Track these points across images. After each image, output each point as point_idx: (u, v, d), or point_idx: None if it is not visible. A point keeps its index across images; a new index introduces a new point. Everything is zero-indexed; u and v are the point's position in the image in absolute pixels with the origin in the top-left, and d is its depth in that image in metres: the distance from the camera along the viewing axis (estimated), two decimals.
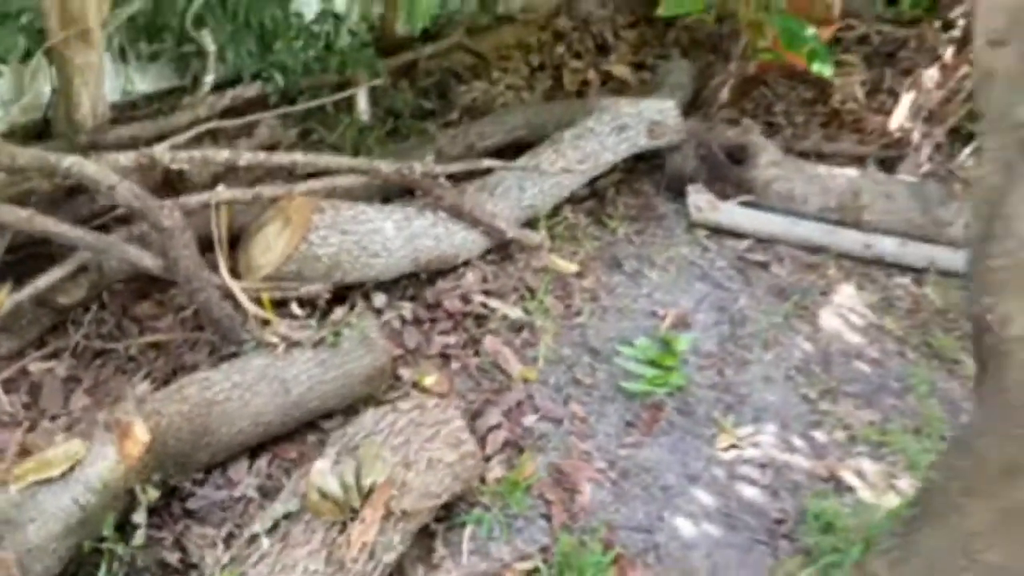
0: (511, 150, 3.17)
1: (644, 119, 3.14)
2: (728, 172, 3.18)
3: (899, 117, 3.75)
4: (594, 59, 4.00)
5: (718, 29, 4.07)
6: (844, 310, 2.89)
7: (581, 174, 3.05)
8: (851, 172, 3.22)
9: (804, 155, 3.62)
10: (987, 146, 1.13)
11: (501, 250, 2.83)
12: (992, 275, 1.14)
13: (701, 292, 2.86)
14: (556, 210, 3.10)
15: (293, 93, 3.19)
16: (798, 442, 2.29)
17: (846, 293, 2.96)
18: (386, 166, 2.39)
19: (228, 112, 3.00)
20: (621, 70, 3.90)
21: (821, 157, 3.66)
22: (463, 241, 2.60)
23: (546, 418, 2.25)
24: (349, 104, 3.24)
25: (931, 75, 3.61)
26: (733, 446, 2.24)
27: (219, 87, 3.05)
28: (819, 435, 2.32)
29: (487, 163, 2.64)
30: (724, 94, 3.86)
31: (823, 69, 3.36)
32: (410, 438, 1.73)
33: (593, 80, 3.82)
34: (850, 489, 2.14)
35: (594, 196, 3.29)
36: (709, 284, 2.90)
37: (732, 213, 3.11)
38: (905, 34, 4.52)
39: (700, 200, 3.11)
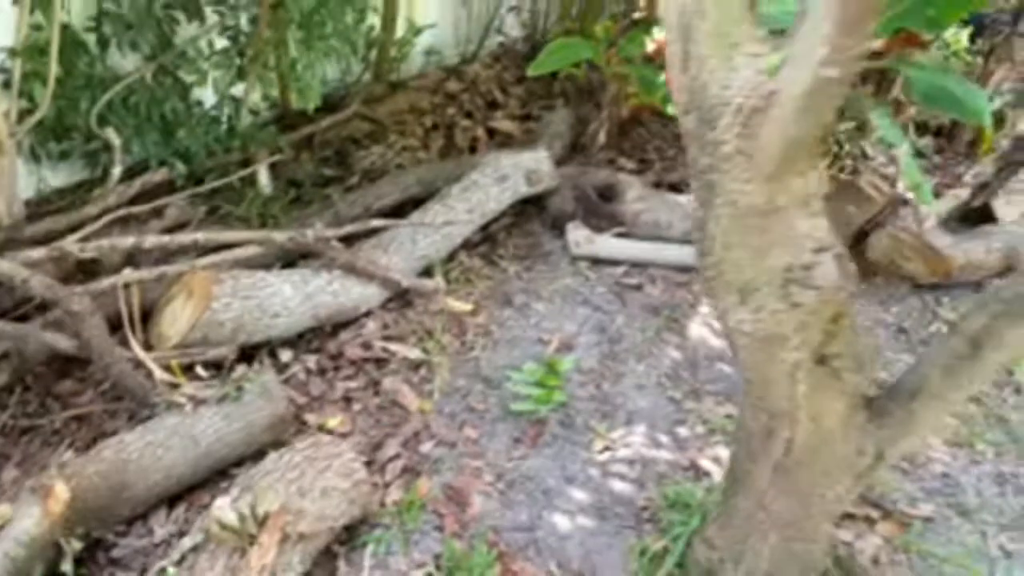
0: (408, 207, 3.50)
1: (522, 168, 3.51)
2: (601, 209, 3.57)
3: None
4: (484, 116, 4.39)
5: (591, 80, 4.52)
6: (710, 319, 3.26)
7: (470, 223, 3.40)
8: None
9: (674, 186, 4.05)
10: (693, 186, 1.49)
11: (401, 298, 3.13)
12: (709, 282, 1.49)
13: (583, 316, 3.20)
14: (452, 256, 3.44)
15: (200, 174, 3.47)
16: (664, 438, 2.62)
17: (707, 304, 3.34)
18: (280, 235, 2.68)
19: (139, 198, 3.27)
20: (507, 124, 4.29)
21: (689, 186, 4.09)
22: (360, 295, 2.89)
23: (441, 443, 2.53)
24: (253, 179, 3.54)
25: None
26: (607, 448, 2.56)
27: (130, 175, 3.31)
28: (683, 431, 2.65)
29: (375, 223, 2.96)
30: (601, 137, 4.28)
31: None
32: (305, 471, 1.99)
33: (481, 136, 4.20)
34: (707, 474, 2.47)
35: (488, 240, 3.63)
36: (590, 309, 3.25)
37: (607, 245, 3.49)
38: None
39: (578, 236, 3.47)
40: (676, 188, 4.03)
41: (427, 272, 3.24)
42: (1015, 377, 3.13)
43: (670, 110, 3.83)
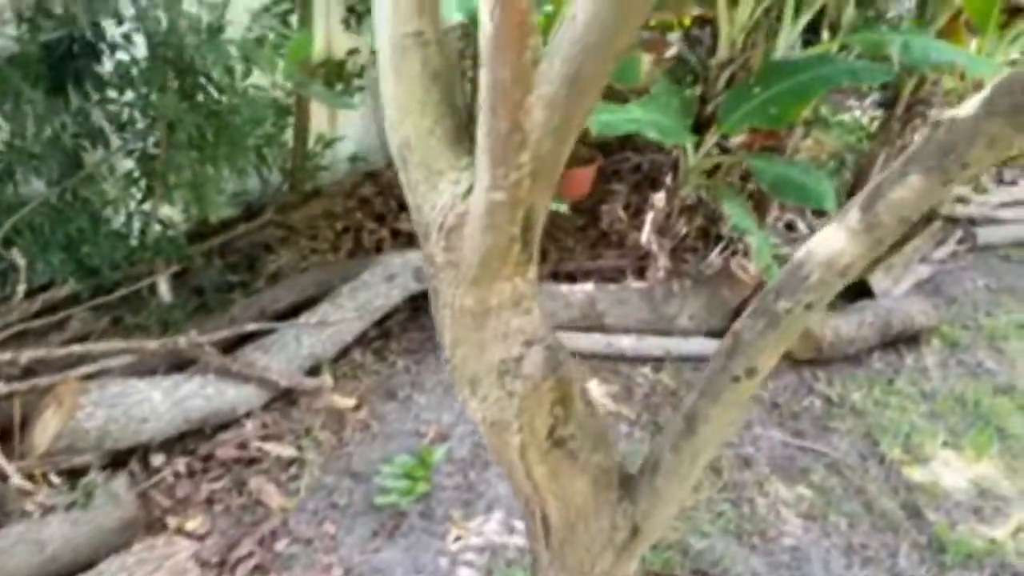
0: (305, 307, 3.68)
1: (410, 266, 3.73)
2: None
3: (646, 232, 4.47)
4: (393, 218, 4.65)
5: None
6: None
7: (359, 320, 3.58)
8: (588, 287, 3.84)
9: (570, 275, 4.27)
10: (429, 292, 1.67)
11: (285, 398, 3.26)
12: (452, 375, 1.65)
13: (460, 408, 3.33)
14: (345, 353, 3.59)
15: (110, 286, 3.67)
16: (519, 524, 2.70)
17: (590, 387, 3.48)
18: (152, 344, 2.85)
19: (45, 311, 3.47)
20: (410, 226, 4.55)
21: (586, 274, 4.32)
22: (237, 397, 3.03)
23: (297, 541, 2.61)
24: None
25: (660, 196, 4.37)
26: (459, 538, 2.64)
27: (41, 291, 3.52)
28: None
29: (251, 327, 3.14)
30: None
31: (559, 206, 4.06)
32: (134, 572, 2.08)
33: (386, 237, 4.45)
34: None
35: (383, 336, 3.80)
36: None
37: None
38: (665, 159, 5.40)
39: None
40: (572, 277, 4.25)
41: (315, 371, 3.39)
42: (880, 448, 3.25)
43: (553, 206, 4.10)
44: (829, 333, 3.68)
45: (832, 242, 1.39)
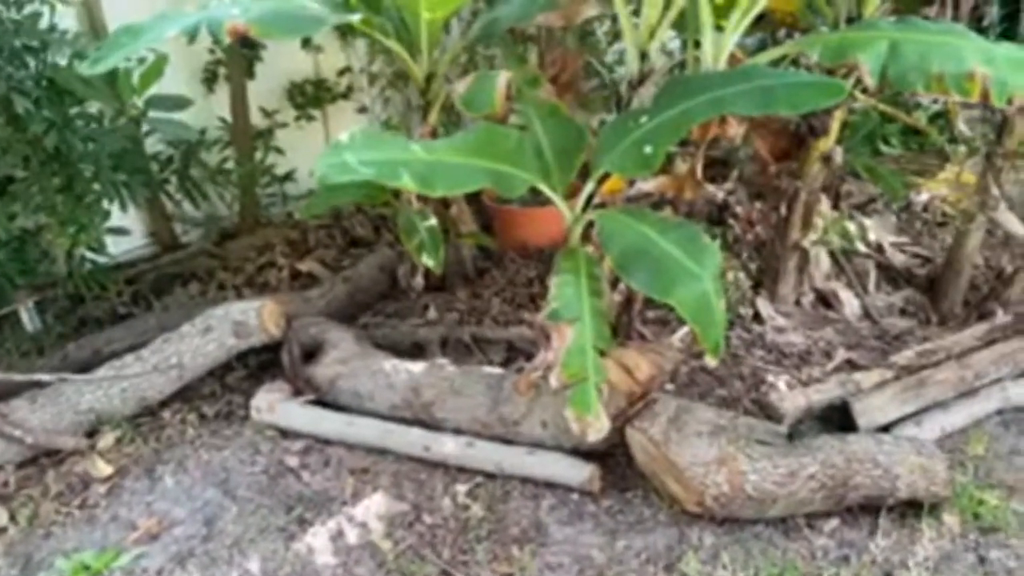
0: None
1: (229, 320, 3.23)
2: (299, 370, 3.13)
3: None
4: (303, 256, 4.21)
5: None
6: (349, 524, 2.62)
7: (165, 376, 3.17)
8: (417, 366, 3.00)
9: (466, 344, 3.45)
10: None
11: (53, 456, 2.98)
12: None
13: (204, 501, 2.75)
14: (151, 411, 3.20)
15: None
16: None
17: (368, 505, 2.69)
18: None
19: None
20: (314, 266, 4.05)
21: (483, 344, 3.46)
22: None
23: None
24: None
25: None
26: None
27: None
28: None
29: (44, 376, 2.92)
30: (418, 280, 3.82)
31: (429, 261, 3.25)
32: None
33: (284, 278, 4.01)
34: None
35: (210, 396, 3.35)
36: (221, 492, 2.78)
37: (289, 414, 3.02)
38: None
39: (261, 401, 3.06)
40: (467, 346, 3.43)
41: (96, 431, 3.07)
42: None
43: (424, 259, 3.31)
44: (722, 483, 2.42)
45: None
